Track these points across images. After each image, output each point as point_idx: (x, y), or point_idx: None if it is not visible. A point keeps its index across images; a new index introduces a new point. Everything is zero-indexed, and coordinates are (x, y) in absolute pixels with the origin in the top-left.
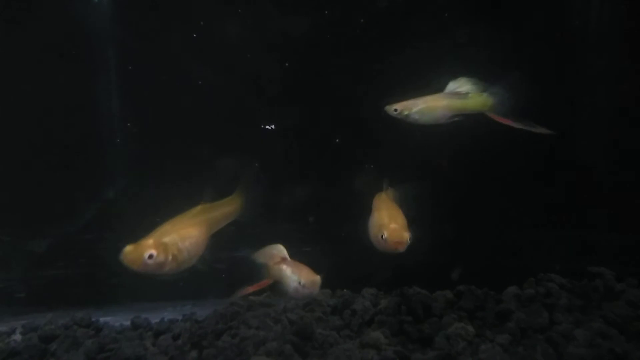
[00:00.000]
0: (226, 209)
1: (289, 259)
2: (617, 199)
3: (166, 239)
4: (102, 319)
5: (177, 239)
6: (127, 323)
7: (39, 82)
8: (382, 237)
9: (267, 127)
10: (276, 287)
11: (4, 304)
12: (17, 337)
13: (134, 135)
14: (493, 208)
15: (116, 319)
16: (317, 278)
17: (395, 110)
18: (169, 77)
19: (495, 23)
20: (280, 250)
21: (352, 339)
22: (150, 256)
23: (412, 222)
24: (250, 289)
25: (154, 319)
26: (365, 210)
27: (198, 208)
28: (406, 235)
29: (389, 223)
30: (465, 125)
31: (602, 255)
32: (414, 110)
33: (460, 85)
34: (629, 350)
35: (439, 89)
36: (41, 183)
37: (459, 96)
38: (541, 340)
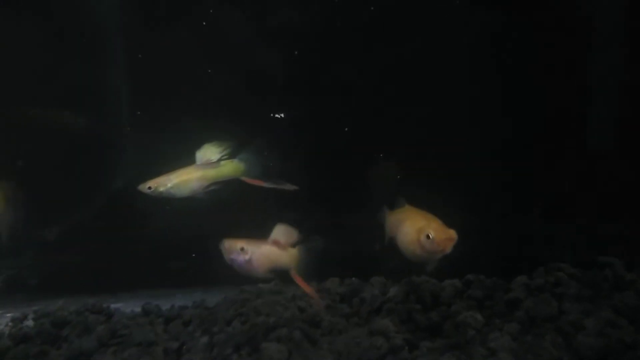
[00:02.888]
0: None
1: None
2: (626, 190)
3: None
4: (113, 306)
5: None
6: (138, 309)
7: (50, 73)
8: (428, 237)
9: (277, 115)
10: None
11: (16, 291)
12: (30, 322)
13: (143, 125)
14: (502, 198)
15: (127, 306)
16: None
17: (149, 188)
18: (178, 66)
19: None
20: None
21: (360, 326)
22: None
23: None
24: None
25: (165, 305)
26: (374, 200)
27: None
28: (453, 232)
29: (429, 224)
30: None
31: (610, 245)
32: (169, 185)
33: (207, 153)
34: (638, 340)
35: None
36: (53, 171)
37: (212, 165)
38: (550, 329)
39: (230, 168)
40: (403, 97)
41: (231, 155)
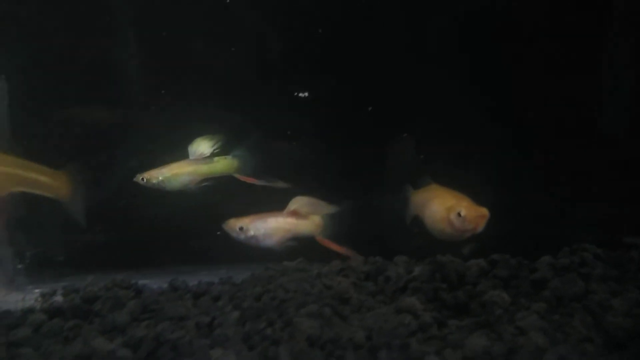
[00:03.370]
0: (38, 177)
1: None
2: None
3: None
4: (140, 282)
5: None
6: (165, 286)
7: (73, 53)
8: (459, 214)
9: (301, 94)
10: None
11: (44, 267)
12: (59, 298)
13: (164, 104)
14: (527, 179)
15: (154, 282)
16: None
17: (143, 179)
18: (200, 44)
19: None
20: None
21: (386, 304)
22: None
23: None
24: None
25: (191, 282)
26: (396, 179)
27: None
28: (485, 210)
29: (459, 202)
30: None
31: (636, 226)
32: (160, 178)
33: (199, 147)
34: None
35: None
36: (76, 151)
37: (205, 161)
38: (578, 309)
39: (224, 165)
40: (426, 75)
41: (225, 152)
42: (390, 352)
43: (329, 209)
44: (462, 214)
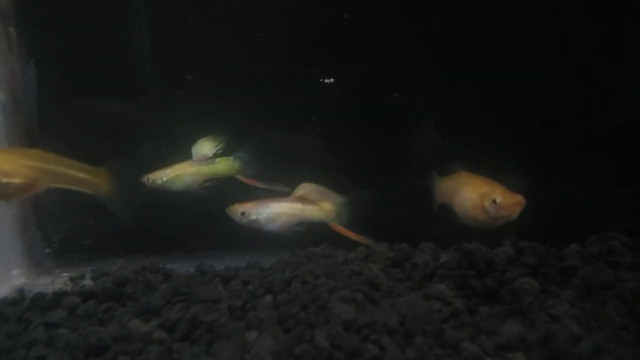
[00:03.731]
0: (78, 174)
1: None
2: None
3: None
4: (167, 266)
5: None
6: (192, 270)
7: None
8: (494, 202)
9: (326, 80)
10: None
11: (72, 251)
12: (88, 282)
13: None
14: (555, 167)
15: (181, 266)
16: None
17: (148, 179)
18: (223, 30)
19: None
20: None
21: (414, 290)
22: None
23: None
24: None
25: (217, 266)
26: (420, 166)
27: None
28: (521, 197)
29: (494, 189)
30: None
31: None
32: (165, 179)
33: (202, 148)
34: None
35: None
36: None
37: (207, 162)
38: (610, 297)
39: (225, 166)
40: (452, 61)
41: (229, 153)
42: (426, 338)
43: (336, 198)
44: (498, 201)
